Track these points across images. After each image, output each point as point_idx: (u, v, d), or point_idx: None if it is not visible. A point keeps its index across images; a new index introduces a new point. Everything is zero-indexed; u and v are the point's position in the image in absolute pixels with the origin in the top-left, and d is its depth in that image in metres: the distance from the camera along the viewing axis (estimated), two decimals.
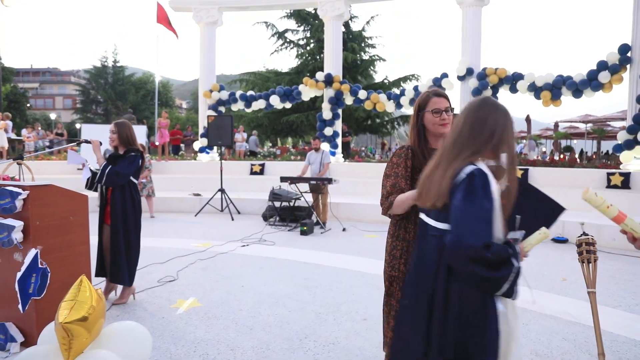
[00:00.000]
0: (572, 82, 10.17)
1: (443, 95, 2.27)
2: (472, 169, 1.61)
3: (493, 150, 1.69)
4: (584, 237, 1.79)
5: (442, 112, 2.22)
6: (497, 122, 1.69)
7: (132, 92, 46.93)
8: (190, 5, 13.36)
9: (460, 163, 1.65)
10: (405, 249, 2.25)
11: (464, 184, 1.59)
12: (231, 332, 3.49)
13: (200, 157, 13.56)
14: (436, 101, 2.24)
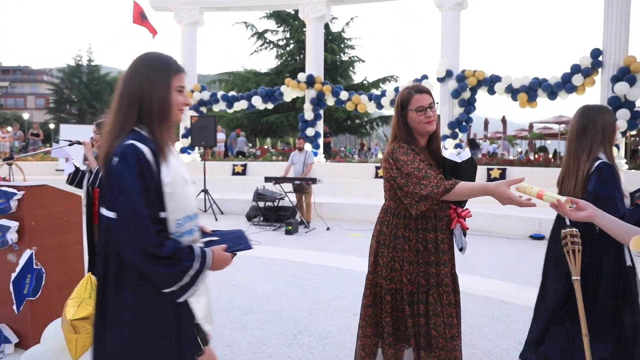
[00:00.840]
0: (548, 84, 10.49)
1: (425, 90, 2.18)
2: (599, 162, 2.10)
3: (602, 146, 2.20)
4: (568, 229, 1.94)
5: (426, 109, 2.13)
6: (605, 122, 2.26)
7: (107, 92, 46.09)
8: (171, 5, 13.29)
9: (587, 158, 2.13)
10: (406, 260, 2.15)
11: (595, 175, 2.07)
12: (226, 329, 3.56)
13: (182, 158, 13.49)
14: (419, 98, 2.14)
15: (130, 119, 1.49)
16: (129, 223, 1.40)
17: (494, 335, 3.51)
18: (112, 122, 1.51)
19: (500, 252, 6.50)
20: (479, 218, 8.12)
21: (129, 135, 1.47)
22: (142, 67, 1.53)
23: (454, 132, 11.30)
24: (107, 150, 1.49)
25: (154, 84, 1.51)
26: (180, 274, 1.45)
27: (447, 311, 2.13)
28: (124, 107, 1.50)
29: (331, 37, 24.68)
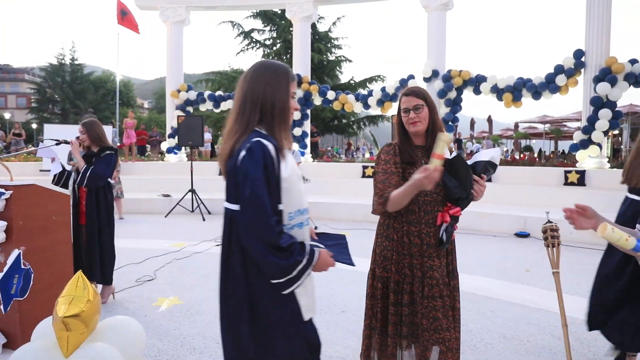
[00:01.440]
0: (532, 84, 10.66)
1: (410, 93, 2.25)
2: None
3: None
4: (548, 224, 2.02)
5: (409, 110, 2.22)
6: None
7: (91, 91, 45.55)
8: (157, 4, 13.21)
9: None
10: (395, 250, 2.25)
11: None
12: (215, 326, 3.57)
13: (168, 158, 13.44)
14: (404, 100, 2.25)
15: (252, 120, 1.63)
16: (253, 212, 1.51)
17: (479, 330, 3.58)
18: (235, 123, 1.65)
19: (486, 249, 6.60)
20: (466, 216, 8.18)
21: (251, 134, 1.61)
22: (265, 74, 1.68)
23: None
24: (231, 148, 1.61)
25: (276, 89, 1.66)
26: (291, 267, 1.55)
27: (431, 304, 2.17)
28: (247, 110, 1.64)
29: (318, 37, 24.72)
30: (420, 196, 2.20)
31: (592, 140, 9.91)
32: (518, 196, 9.32)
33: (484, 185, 2.20)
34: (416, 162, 2.26)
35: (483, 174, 2.19)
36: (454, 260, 2.35)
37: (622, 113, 10.89)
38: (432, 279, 2.20)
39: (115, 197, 9.08)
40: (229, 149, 1.64)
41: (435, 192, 2.20)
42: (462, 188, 2.13)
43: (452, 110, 11.38)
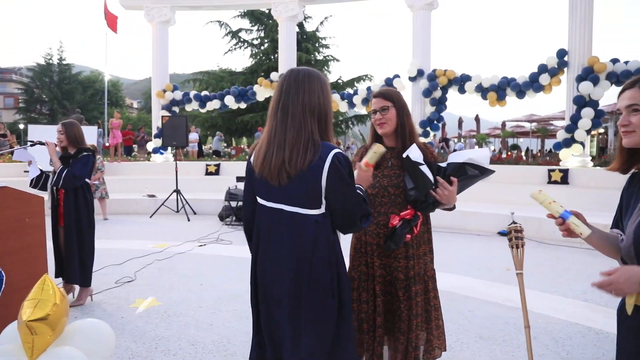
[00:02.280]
0: (516, 83, 10.74)
1: (378, 95, 2.27)
2: None
3: None
4: (513, 225, 2.02)
5: (376, 112, 2.24)
6: None
7: (79, 91, 45.10)
8: (142, 4, 13.11)
9: None
10: (354, 247, 2.29)
11: None
12: (192, 328, 3.57)
13: (154, 158, 13.35)
14: (373, 102, 2.27)
15: (314, 131, 1.68)
16: (362, 204, 1.73)
17: (455, 330, 3.59)
18: (297, 135, 1.66)
19: (468, 248, 6.65)
20: (450, 215, 8.27)
21: (320, 144, 1.68)
22: (317, 84, 1.72)
23: (425, 131, 11.46)
24: (309, 160, 1.64)
25: (327, 99, 1.75)
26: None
27: (390, 304, 2.19)
28: (309, 121, 1.68)
29: (306, 37, 24.70)
30: (377, 197, 2.21)
31: (575, 139, 10.00)
32: (502, 195, 9.38)
33: (449, 189, 2.04)
34: (382, 164, 2.25)
35: (453, 177, 2.05)
36: (416, 265, 2.23)
37: (605, 112, 10.99)
38: (381, 277, 2.20)
39: (99, 198, 9.05)
40: (307, 161, 1.65)
41: (394, 193, 2.18)
42: (418, 191, 2.08)
43: (437, 110, 11.43)
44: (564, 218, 1.55)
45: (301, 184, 1.67)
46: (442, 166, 2.14)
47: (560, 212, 1.56)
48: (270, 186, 1.74)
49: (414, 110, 11.65)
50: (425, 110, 11.58)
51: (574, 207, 5.60)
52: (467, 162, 2.00)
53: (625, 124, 1.38)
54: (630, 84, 1.40)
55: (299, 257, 1.71)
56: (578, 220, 1.55)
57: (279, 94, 1.74)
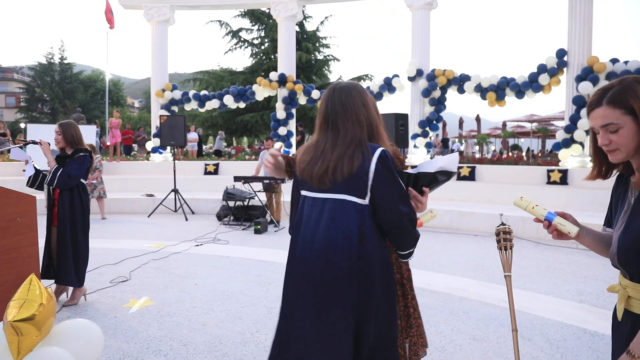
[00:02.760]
0: (515, 83, 10.70)
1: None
2: None
3: None
4: (501, 226, 2.00)
5: None
6: None
7: (80, 91, 45.12)
8: (141, 3, 13.10)
9: None
10: None
11: None
12: (184, 328, 3.55)
13: (153, 158, 13.34)
14: None
15: (363, 141, 1.84)
16: (408, 201, 1.87)
17: (449, 331, 3.57)
18: (346, 150, 1.81)
19: (465, 249, 6.62)
20: (447, 216, 8.26)
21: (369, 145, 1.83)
22: (358, 99, 1.89)
23: (424, 131, 11.42)
24: (358, 165, 1.79)
25: (370, 110, 1.91)
26: (418, 237, 1.95)
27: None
28: (358, 135, 1.84)
29: (306, 36, 24.67)
30: None
31: (575, 140, 9.97)
32: (500, 195, 9.35)
33: (422, 201, 1.98)
34: None
35: (425, 187, 2.00)
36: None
37: None
38: None
39: (98, 197, 9.05)
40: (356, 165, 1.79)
41: None
42: None
43: (436, 110, 11.39)
44: (549, 220, 1.53)
45: (351, 179, 1.80)
46: (410, 173, 2.05)
47: (544, 214, 1.53)
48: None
49: (412, 111, 11.63)
50: (424, 110, 11.54)
51: (573, 207, 5.64)
52: (438, 170, 1.98)
53: (606, 143, 1.34)
54: (596, 102, 1.35)
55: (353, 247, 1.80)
56: (564, 220, 1.52)
57: (326, 112, 1.90)
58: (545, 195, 8.93)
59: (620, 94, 1.31)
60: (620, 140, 1.32)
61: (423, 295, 4.39)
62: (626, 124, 1.30)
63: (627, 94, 1.30)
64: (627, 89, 1.31)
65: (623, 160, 1.38)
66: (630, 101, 1.29)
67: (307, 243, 1.86)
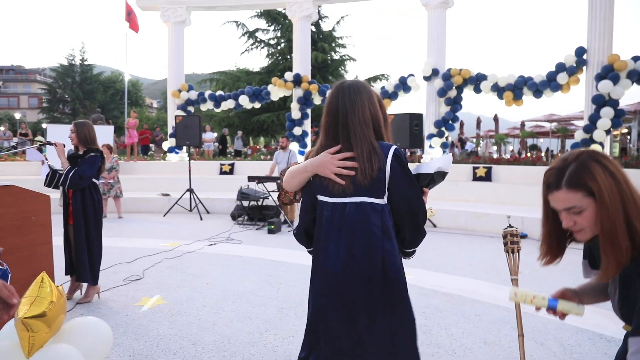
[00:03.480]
0: (533, 82, 10.54)
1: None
2: None
3: None
4: (509, 229, 1.96)
5: None
6: None
7: (100, 91, 45.89)
8: (158, 5, 13.25)
9: None
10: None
11: None
12: (194, 327, 3.57)
13: (170, 157, 13.48)
14: None
15: (373, 141, 1.88)
16: (422, 198, 1.93)
17: (460, 334, 3.52)
18: (362, 150, 1.84)
19: (479, 250, 6.54)
20: (462, 217, 8.17)
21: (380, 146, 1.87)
22: (366, 97, 1.91)
23: (440, 131, 11.33)
24: (377, 168, 1.83)
25: (376, 108, 1.93)
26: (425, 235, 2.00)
27: None
28: (367, 134, 1.87)
29: (322, 36, 24.67)
30: None
31: (594, 139, 9.77)
32: (517, 196, 9.22)
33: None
34: None
35: (425, 187, 2.07)
36: None
37: (625, 111, 10.73)
38: None
39: (114, 197, 9.18)
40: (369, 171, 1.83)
41: None
42: None
43: (452, 109, 11.29)
44: (552, 308, 1.48)
45: (373, 181, 1.83)
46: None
47: (546, 304, 1.49)
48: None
49: (428, 110, 11.54)
50: (440, 110, 11.45)
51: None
52: (436, 171, 2.01)
53: (571, 225, 1.32)
54: (555, 184, 1.31)
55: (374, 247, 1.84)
56: (567, 303, 1.48)
57: (335, 112, 1.90)
58: None
59: (578, 176, 1.27)
60: (585, 222, 1.29)
61: (434, 297, 4.35)
62: (589, 206, 1.27)
63: (585, 175, 1.26)
64: (584, 169, 1.27)
65: (590, 238, 1.35)
66: (589, 183, 1.25)
67: (332, 253, 1.86)
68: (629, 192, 1.25)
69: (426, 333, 3.52)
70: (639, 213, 1.24)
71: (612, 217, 1.23)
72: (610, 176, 1.24)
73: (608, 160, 1.28)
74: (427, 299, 4.31)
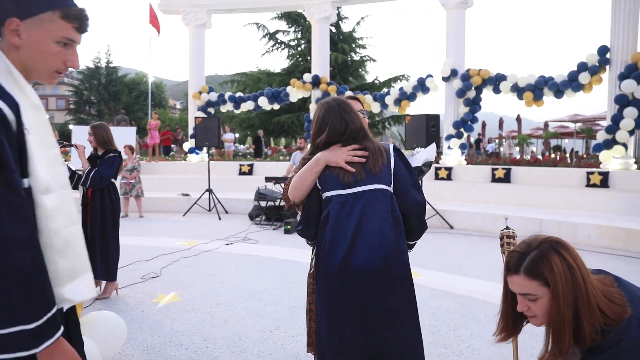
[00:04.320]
0: (554, 82, 10.39)
1: (353, 98, 2.43)
2: None
3: None
4: (505, 230, 1.99)
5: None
6: None
7: (125, 93, 46.76)
8: (179, 8, 13.49)
9: None
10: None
11: None
12: (206, 324, 3.67)
13: (190, 158, 13.71)
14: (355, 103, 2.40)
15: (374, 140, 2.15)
16: (421, 190, 2.12)
17: (468, 336, 3.54)
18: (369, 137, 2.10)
19: (493, 252, 6.48)
20: (479, 218, 8.12)
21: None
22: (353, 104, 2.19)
23: (458, 132, 11.25)
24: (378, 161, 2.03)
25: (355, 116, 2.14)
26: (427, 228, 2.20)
27: None
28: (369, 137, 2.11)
29: (342, 37, 24.70)
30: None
31: (617, 140, 9.57)
32: (536, 198, 9.11)
33: None
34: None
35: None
36: None
37: None
38: None
39: (136, 196, 9.40)
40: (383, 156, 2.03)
41: None
42: None
43: (471, 110, 11.21)
44: None
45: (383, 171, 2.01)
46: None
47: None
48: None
49: (446, 111, 11.48)
50: (458, 111, 11.37)
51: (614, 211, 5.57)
52: (424, 162, 2.11)
53: (525, 309, 1.36)
54: (514, 268, 1.35)
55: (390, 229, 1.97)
56: None
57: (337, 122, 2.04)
58: (584, 199, 8.63)
59: (536, 265, 1.30)
60: (538, 310, 1.33)
61: (445, 299, 4.36)
62: (544, 295, 1.30)
63: (543, 266, 1.29)
64: (543, 259, 1.30)
65: (542, 325, 1.38)
66: (546, 274, 1.28)
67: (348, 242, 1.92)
68: (584, 287, 1.27)
69: (435, 334, 3.54)
70: (590, 309, 1.26)
71: (562, 313, 1.27)
72: (568, 269, 1.27)
73: (569, 252, 1.31)
74: (439, 300, 4.32)
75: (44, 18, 1.26)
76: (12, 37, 1.25)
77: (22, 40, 1.27)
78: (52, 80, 1.39)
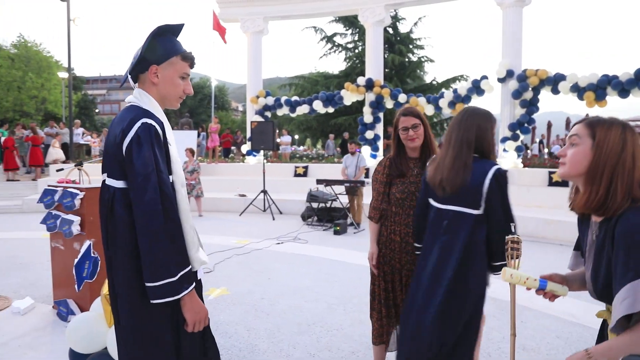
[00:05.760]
0: (618, 81, 9.94)
1: (409, 113, 2.60)
2: None
3: None
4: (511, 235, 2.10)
5: (408, 129, 2.57)
6: None
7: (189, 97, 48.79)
8: (238, 17, 14.11)
9: None
10: (383, 244, 2.70)
11: None
12: (250, 316, 3.98)
13: (248, 160, 14.28)
14: (403, 120, 2.59)
15: (468, 159, 2.21)
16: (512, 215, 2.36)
17: (500, 339, 3.61)
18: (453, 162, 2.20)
19: (543, 257, 6.40)
20: (532, 223, 7.98)
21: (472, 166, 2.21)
22: (475, 121, 2.24)
23: (514, 134, 11.02)
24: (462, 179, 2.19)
25: (485, 131, 2.27)
26: None
27: (406, 290, 2.60)
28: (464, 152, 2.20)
29: (399, 38, 24.60)
30: (406, 200, 2.60)
31: None
32: None
33: None
34: (406, 173, 2.64)
35: None
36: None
37: None
38: (409, 270, 2.59)
39: (196, 197, 9.99)
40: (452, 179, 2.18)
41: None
42: None
43: (527, 112, 10.94)
44: (543, 289, 1.70)
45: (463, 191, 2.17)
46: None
47: (537, 285, 1.70)
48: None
49: (502, 113, 11.27)
50: (514, 113, 11.13)
51: None
52: None
53: (563, 153, 1.50)
54: (585, 119, 1.49)
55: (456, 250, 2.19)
56: (555, 285, 1.69)
57: (449, 129, 2.27)
58: None
59: (598, 121, 1.46)
60: (571, 157, 1.47)
61: None
62: (584, 144, 1.45)
63: (602, 124, 1.44)
64: (606, 122, 1.44)
65: (565, 178, 1.53)
66: (598, 130, 1.44)
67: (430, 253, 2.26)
68: (630, 163, 1.38)
69: None
70: (628, 181, 1.37)
71: (602, 164, 1.39)
72: (621, 141, 1.39)
73: (632, 135, 1.41)
74: None
75: (172, 61, 1.81)
76: (153, 78, 1.81)
77: (159, 79, 1.81)
78: (177, 104, 1.95)
